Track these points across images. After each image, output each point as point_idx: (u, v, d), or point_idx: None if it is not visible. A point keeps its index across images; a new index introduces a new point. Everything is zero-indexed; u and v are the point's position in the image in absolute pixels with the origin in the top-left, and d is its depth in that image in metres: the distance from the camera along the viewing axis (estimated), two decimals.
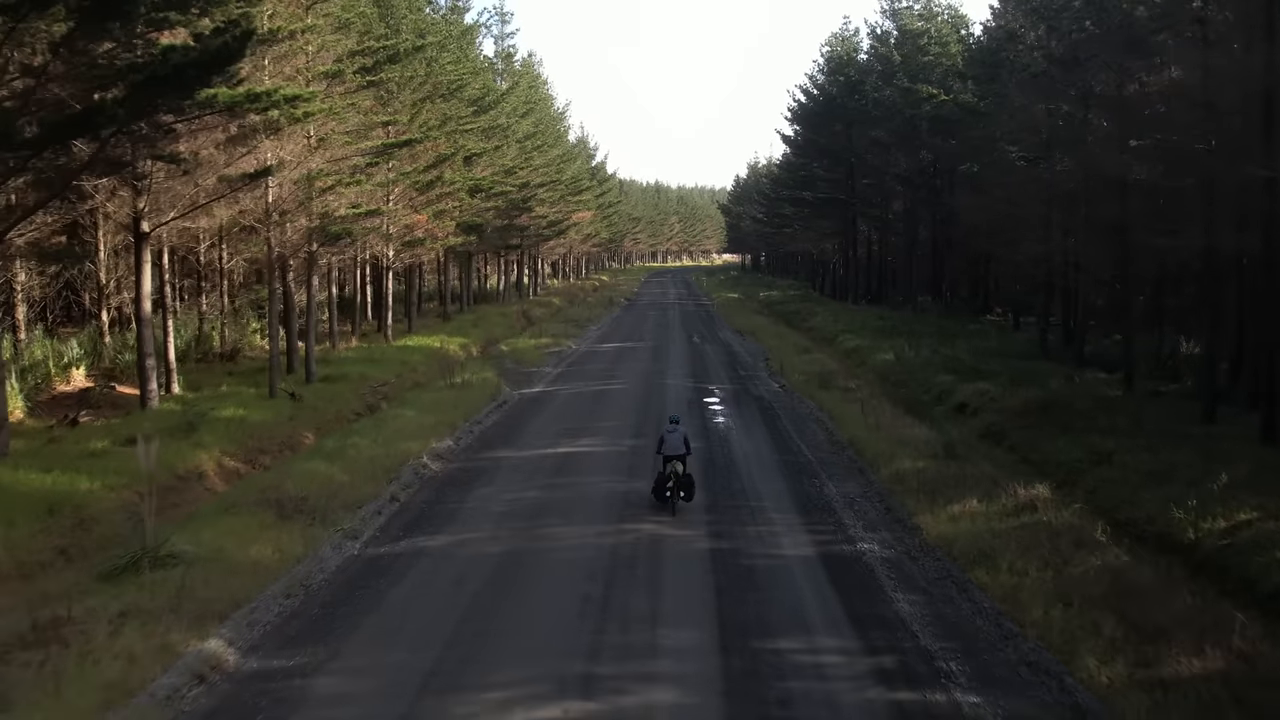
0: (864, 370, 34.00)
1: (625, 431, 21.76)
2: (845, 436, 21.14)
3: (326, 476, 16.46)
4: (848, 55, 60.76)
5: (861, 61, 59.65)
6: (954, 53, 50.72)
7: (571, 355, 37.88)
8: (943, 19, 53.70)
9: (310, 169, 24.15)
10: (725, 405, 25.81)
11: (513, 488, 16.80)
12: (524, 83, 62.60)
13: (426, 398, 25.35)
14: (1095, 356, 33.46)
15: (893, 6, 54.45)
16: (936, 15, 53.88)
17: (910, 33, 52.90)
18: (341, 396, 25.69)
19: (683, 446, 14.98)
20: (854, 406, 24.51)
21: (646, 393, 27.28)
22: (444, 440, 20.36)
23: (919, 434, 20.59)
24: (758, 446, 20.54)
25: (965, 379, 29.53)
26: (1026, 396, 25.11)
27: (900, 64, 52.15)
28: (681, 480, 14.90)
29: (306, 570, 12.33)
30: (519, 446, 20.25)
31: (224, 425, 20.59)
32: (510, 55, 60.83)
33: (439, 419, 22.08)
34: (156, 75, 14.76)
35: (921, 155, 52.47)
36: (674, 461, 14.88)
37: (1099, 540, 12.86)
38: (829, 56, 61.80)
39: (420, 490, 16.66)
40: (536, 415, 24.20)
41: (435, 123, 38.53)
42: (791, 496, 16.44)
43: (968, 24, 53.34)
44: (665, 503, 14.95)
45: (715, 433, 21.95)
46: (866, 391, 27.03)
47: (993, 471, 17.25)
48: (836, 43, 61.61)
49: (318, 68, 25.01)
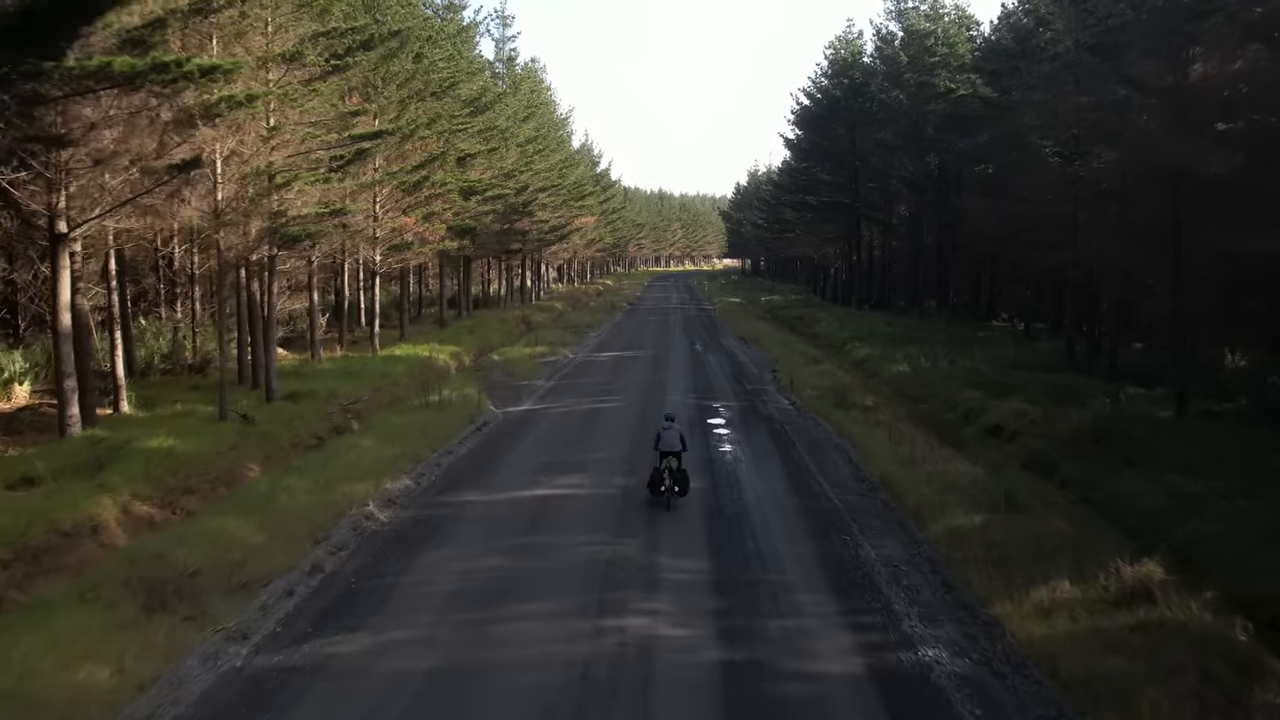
0: (878, 383, 29.74)
1: (616, 465, 17.53)
2: (875, 473, 16.87)
3: (235, 537, 12.27)
4: (852, 57, 56.32)
5: (866, 63, 55.19)
6: (962, 53, 46.34)
7: (567, 366, 33.62)
8: (949, 19, 49.31)
9: (264, 163, 19.97)
10: (732, 428, 21.58)
11: (471, 551, 12.59)
12: (525, 86, 58.45)
13: (396, 421, 21.15)
14: (1128, 369, 29.15)
15: (899, 7, 50.03)
16: (943, 16, 49.50)
17: (917, 33, 48.53)
18: (303, 418, 21.48)
19: (678, 443, 14.64)
20: (878, 432, 20.29)
21: (644, 412, 23.05)
22: (402, 479, 16.14)
23: (962, 470, 16.31)
24: (772, 486, 16.29)
25: (992, 394, 25.29)
26: (1076, 421, 20.85)
27: (907, 64, 47.82)
28: (676, 475, 14.58)
29: (150, 707, 8.15)
30: (489, 487, 16.00)
31: (145, 459, 16.40)
32: (512, 59, 56.66)
33: (402, 449, 17.87)
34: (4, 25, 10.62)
35: (928, 159, 48.13)
36: (669, 458, 14.58)
37: (1274, 667, 8.56)
38: (832, 59, 57.38)
39: (354, 555, 12.44)
40: (518, 442, 19.96)
41: (425, 120, 34.40)
42: (821, 565, 12.20)
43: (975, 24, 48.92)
44: (660, 497, 14.57)
45: (722, 466, 17.71)
46: (889, 413, 22.78)
47: (1066, 528, 12.96)
48: (840, 45, 57.19)
49: (275, 49, 20.82)
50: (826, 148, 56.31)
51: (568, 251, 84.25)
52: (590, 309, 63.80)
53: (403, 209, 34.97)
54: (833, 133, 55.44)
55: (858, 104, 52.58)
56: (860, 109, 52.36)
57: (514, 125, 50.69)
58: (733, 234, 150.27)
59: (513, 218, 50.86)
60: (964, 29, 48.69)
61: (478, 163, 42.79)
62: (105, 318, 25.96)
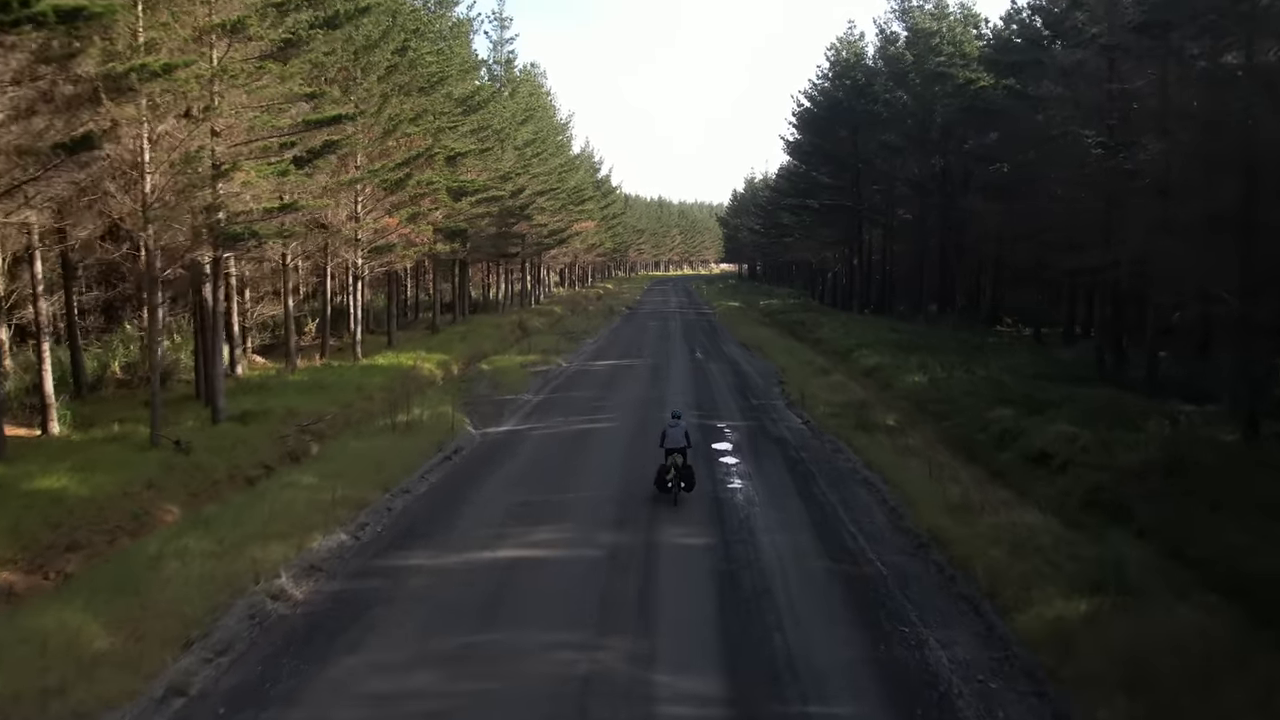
0: (893, 397, 25.79)
1: (604, 511, 13.58)
2: (921, 522, 12.92)
3: (74, 639, 8.36)
4: (854, 58, 52.23)
5: (869, 64, 51.07)
6: (968, 52, 42.29)
7: (559, 376, 29.65)
8: (955, 18, 45.26)
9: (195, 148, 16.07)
10: (740, 456, 17.65)
11: (397, 658, 8.64)
12: (524, 89, 54.47)
13: (353, 447, 17.23)
14: (1167, 382, 25.19)
15: (903, 6, 45.93)
16: (948, 15, 45.45)
17: (923, 32, 44.49)
18: (249, 442, 17.58)
19: (683, 440, 14.06)
20: (911, 462, 16.38)
21: (639, 436, 19.14)
22: (336, 533, 12.20)
23: (1032, 523, 12.35)
24: (796, 540, 12.35)
25: (1025, 411, 21.39)
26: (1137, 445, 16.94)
27: (913, 63, 43.83)
28: (682, 471, 13.98)
29: None
30: (443, 545, 12.03)
31: (22, 504, 12.57)
32: (510, 61, 52.65)
33: (348, 489, 13.90)
34: None
35: (934, 160, 44.14)
36: (675, 454, 13.97)
37: None
38: (834, 60, 53.28)
39: (236, 665, 8.51)
40: (490, 474, 16.01)
41: (410, 115, 30.50)
42: (879, 682, 8.27)
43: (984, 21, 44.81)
44: (667, 493, 13.93)
45: (732, 511, 13.76)
46: (917, 436, 18.85)
47: (1205, 623, 9.01)
48: (843, 46, 53.08)
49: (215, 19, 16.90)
50: (828, 150, 52.22)
51: (568, 256, 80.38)
52: (589, 313, 59.83)
53: (387, 210, 31.12)
54: (834, 135, 51.39)
55: (861, 105, 48.54)
56: (863, 110, 48.32)
57: (511, 127, 46.79)
58: (729, 240, 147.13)
59: (509, 221, 47.04)
60: (970, 26, 44.64)
61: (470, 163, 38.86)
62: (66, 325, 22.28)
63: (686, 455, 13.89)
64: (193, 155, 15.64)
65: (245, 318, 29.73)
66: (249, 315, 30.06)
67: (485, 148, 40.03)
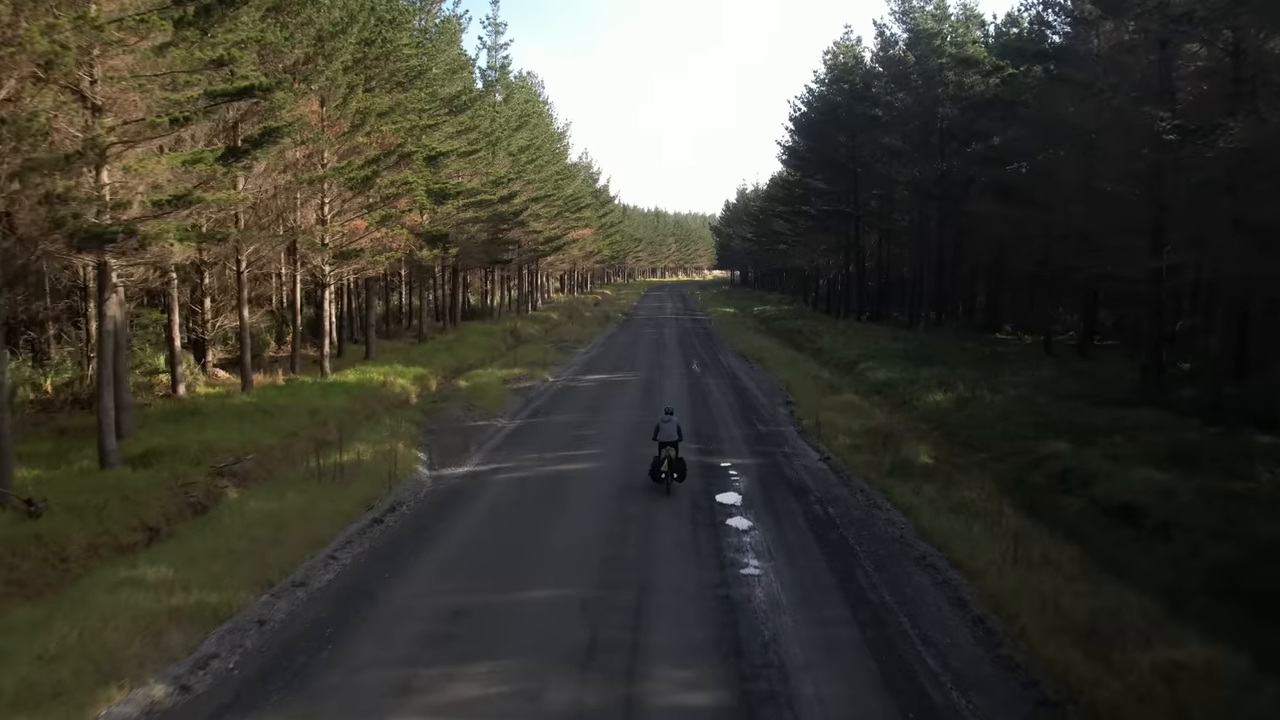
0: (915, 419, 20.83)
1: (568, 632, 8.62)
2: (1036, 661, 7.95)
3: None
4: (852, 62, 47.21)
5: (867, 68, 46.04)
6: (972, 52, 37.30)
7: (542, 395, 24.65)
8: (956, 18, 40.28)
9: (38, 120, 11.12)
10: (753, 515, 12.67)
11: None
12: (519, 95, 49.53)
13: (254, 508, 12.24)
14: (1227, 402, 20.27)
15: (904, 6, 40.90)
16: (949, 15, 40.46)
17: (924, 33, 39.49)
18: (138, 496, 12.60)
19: (675, 434, 13.62)
20: (975, 528, 11.47)
21: (627, 478, 14.18)
22: (150, 683, 7.26)
23: (1207, 658, 7.45)
24: (855, 695, 7.42)
25: (1077, 441, 16.59)
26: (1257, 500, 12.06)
27: (915, 64, 38.89)
28: (675, 463, 13.55)
29: None
30: (306, 714, 7.08)
31: None
32: (505, 66, 47.63)
33: (206, 590, 8.94)
34: None
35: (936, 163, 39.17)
36: (668, 447, 13.49)
37: None
38: (831, 64, 48.25)
39: None
40: (422, 555, 10.99)
41: (381, 109, 25.60)
42: None
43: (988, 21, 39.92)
44: (661, 483, 13.53)
45: (751, 629, 8.73)
46: (971, 485, 13.90)
47: None
48: (840, 50, 48.05)
49: None
50: (826, 155, 47.17)
51: (567, 263, 75.44)
52: (584, 320, 54.79)
53: (358, 212, 26.23)
54: (832, 139, 46.38)
55: (859, 109, 43.53)
56: (862, 114, 43.31)
57: (504, 132, 41.88)
58: (722, 248, 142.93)
59: (503, 227, 42.13)
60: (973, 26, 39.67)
61: (455, 165, 33.94)
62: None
63: (678, 447, 13.67)
64: (31, 128, 10.69)
65: (205, 329, 24.84)
66: (209, 326, 25.10)
67: (473, 150, 35.06)
